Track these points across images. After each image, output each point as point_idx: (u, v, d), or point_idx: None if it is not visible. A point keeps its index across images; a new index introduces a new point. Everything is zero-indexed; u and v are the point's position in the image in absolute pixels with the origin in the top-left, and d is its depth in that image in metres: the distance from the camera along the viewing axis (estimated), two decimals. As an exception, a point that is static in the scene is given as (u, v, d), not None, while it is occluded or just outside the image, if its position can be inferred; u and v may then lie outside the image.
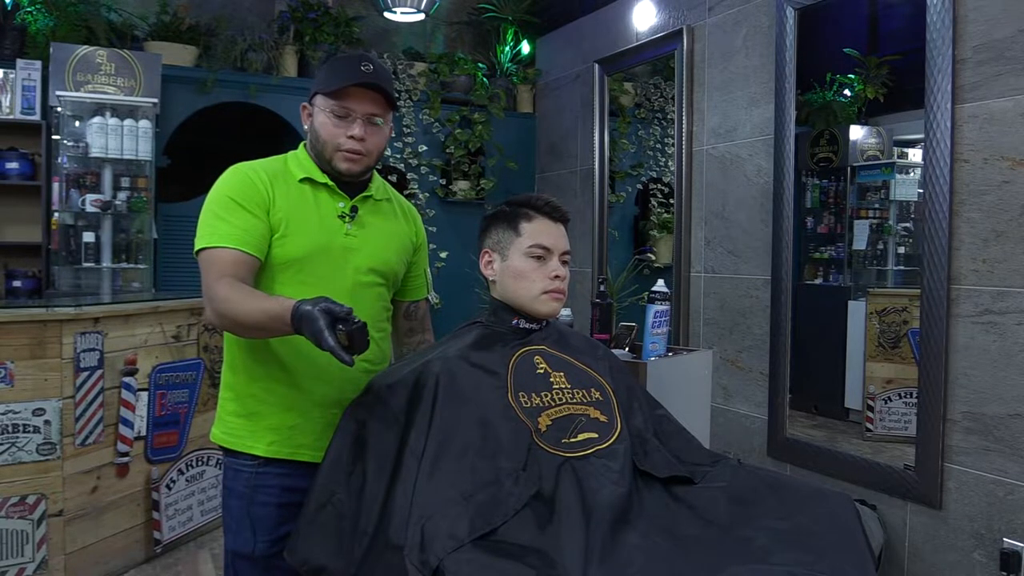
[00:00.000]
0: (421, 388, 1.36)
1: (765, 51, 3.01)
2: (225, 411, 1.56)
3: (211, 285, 1.37)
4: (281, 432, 1.50)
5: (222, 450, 1.56)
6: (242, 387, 1.53)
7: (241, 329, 1.39)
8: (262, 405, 1.50)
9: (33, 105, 3.63)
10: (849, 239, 3.45)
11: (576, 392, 1.42)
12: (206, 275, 1.39)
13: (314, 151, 1.51)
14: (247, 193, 1.44)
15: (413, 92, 4.48)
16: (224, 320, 1.36)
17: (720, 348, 3.24)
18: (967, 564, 2.31)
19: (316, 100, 1.50)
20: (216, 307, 1.35)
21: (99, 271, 3.64)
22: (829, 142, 3.45)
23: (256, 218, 1.43)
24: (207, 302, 1.38)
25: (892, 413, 3.07)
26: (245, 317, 1.32)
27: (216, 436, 1.57)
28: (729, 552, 1.19)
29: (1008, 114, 2.20)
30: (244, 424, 1.52)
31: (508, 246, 1.49)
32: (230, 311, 1.33)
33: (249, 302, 1.32)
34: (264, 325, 1.31)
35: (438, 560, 1.11)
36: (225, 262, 1.39)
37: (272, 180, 1.48)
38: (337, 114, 1.46)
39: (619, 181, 4.46)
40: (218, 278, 1.36)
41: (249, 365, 1.51)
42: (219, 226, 1.41)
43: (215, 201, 1.44)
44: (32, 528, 2.48)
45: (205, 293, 1.38)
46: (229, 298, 1.33)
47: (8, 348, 2.44)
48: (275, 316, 1.26)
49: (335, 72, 1.47)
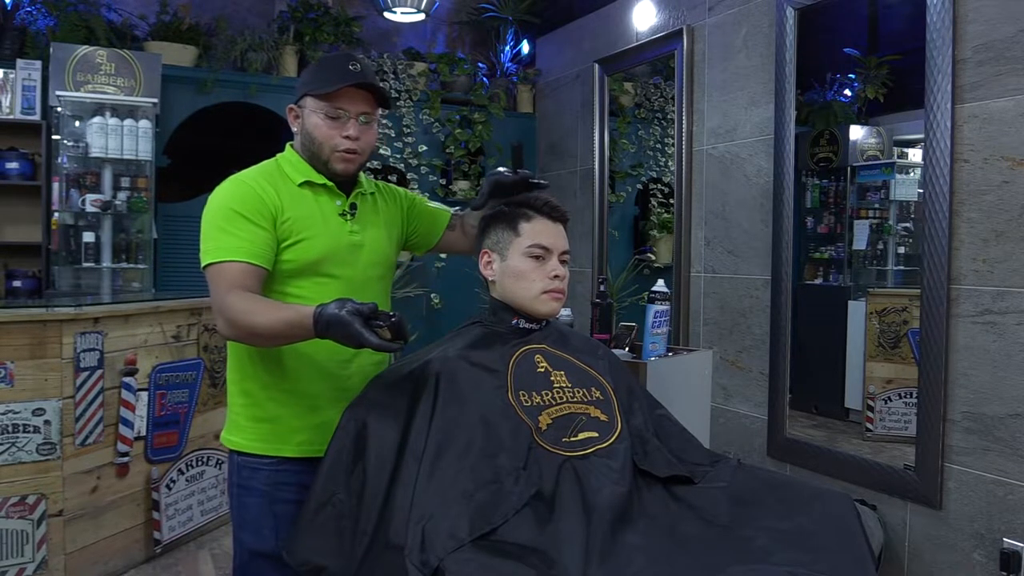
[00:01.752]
0: (421, 387, 1.36)
1: (765, 51, 3.01)
2: (243, 417, 1.53)
3: (223, 298, 1.35)
4: (308, 432, 1.49)
5: (236, 453, 1.53)
6: (259, 392, 1.51)
7: (258, 339, 1.38)
8: (282, 408, 1.50)
9: (33, 105, 3.63)
10: (849, 239, 3.45)
11: (576, 391, 1.42)
12: (215, 289, 1.38)
13: (307, 153, 1.51)
14: (252, 205, 1.42)
15: (413, 92, 4.47)
16: (240, 331, 1.35)
17: (720, 348, 3.24)
18: (967, 564, 2.31)
19: (306, 102, 1.49)
20: (231, 319, 1.34)
21: (99, 271, 3.64)
22: (829, 142, 3.45)
23: (263, 229, 1.42)
24: (219, 315, 1.37)
25: (892, 413, 3.07)
26: (263, 328, 1.31)
27: (236, 443, 1.53)
28: (729, 552, 1.19)
29: (1008, 114, 2.20)
30: (269, 429, 1.50)
31: (507, 246, 1.49)
32: (247, 322, 1.32)
33: (266, 312, 1.31)
34: (283, 333, 1.30)
35: (438, 560, 1.11)
36: (234, 274, 1.38)
37: (276, 189, 1.47)
38: (330, 115, 1.46)
39: (619, 181, 4.46)
40: (228, 291, 1.35)
41: (260, 371, 1.50)
42: (225, 240, 1.40)
43: (219, 214, 1.42)
44: (32, 528, 2.48)
45: (216, 307, 1.37)
46: (245, 310, 1.32)
47: (8, 348, 2.44)
48: (295, 324, 1.26)
49: (324, 73, 1.46)
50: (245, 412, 1.52)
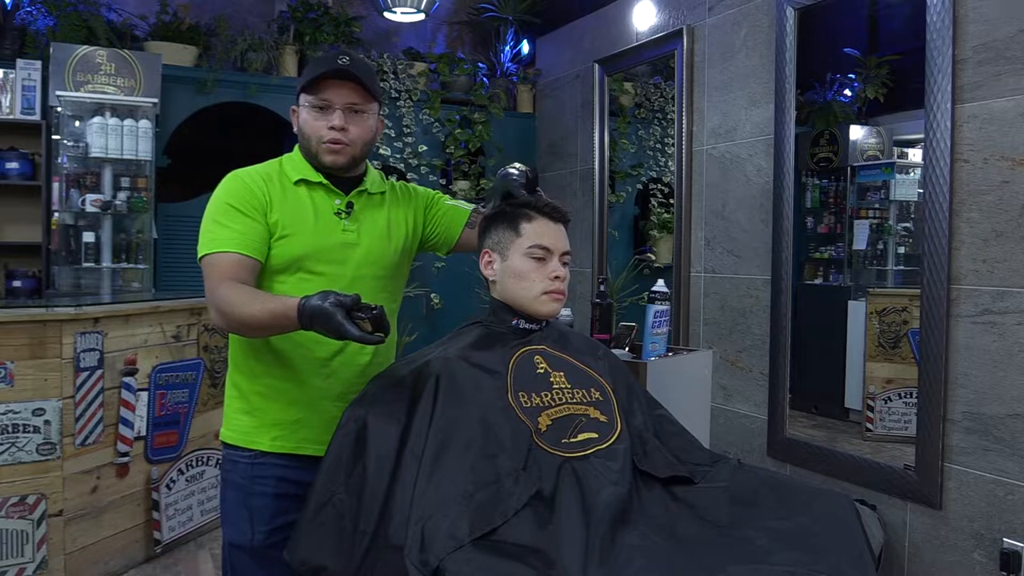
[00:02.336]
0: (421, 388, 1.36)
1: (765, 51, 3.01)
2: (232, 409, 1.58)
3: (214, 289, 1.39)
4: (284, 427, 1.52)
5: (224, 446, 1.59)
6: (246, 385, 1.55)
7: (247, 330, 1.40)
8: (265, 401, 1.53)
9: (33, 105, 3.63)
10: (849, 239, 3.45)
11: (576, 392, 1.42)
12: (208, 280, 1.42)
13: (304, 149, 1.54)
14: (244, 198, 1.46)
15: (413, 92, 4.47)
16: (230, 322, 1.37)
17: (720, 348, 3.24)
18: (967, 564, 2.31)
19: (300, 99, 1.52)
20: (221, 309, 1.37)
21: (99, 271, 3.64)
22: (829, 142, 3.46)
23: (255, 221, 1.46)
24: (211, 306, 1.40)
25: (892, 413, 3.07)
26: (250, 318, 1.33)
27: (224, 435, 1.59)
28: (729, 552, 1.19)
29: (1008, 114, 2.20)
30: (249, 421, 1.54)
31: (508, 246, 1.49)
32: (235, 313, 1.35)
33: (253, 303, 1.34)
34: (269, 324, 1.33)
35: (438, 560, 1.11)
36: (226, 265, 1.41)
37: (267, 183, 1.50)
38: (316, 106, 1.49)
39: (619, 181, 4.46)
40: (220, 282, 1.39)
41: (251, 363, 1.54)
42: (219, 232, 1.44)
43: (214, 208, 1.47)
44: (32, 528, 2.48)
45: (209, 297, 1.40)
46: (233, 301, 1.35)
47: (8, 348, 2.44)
48: (280, 315, 1.28)
49: (313, 67, 1.51)
50: (233, 404, 1.58)
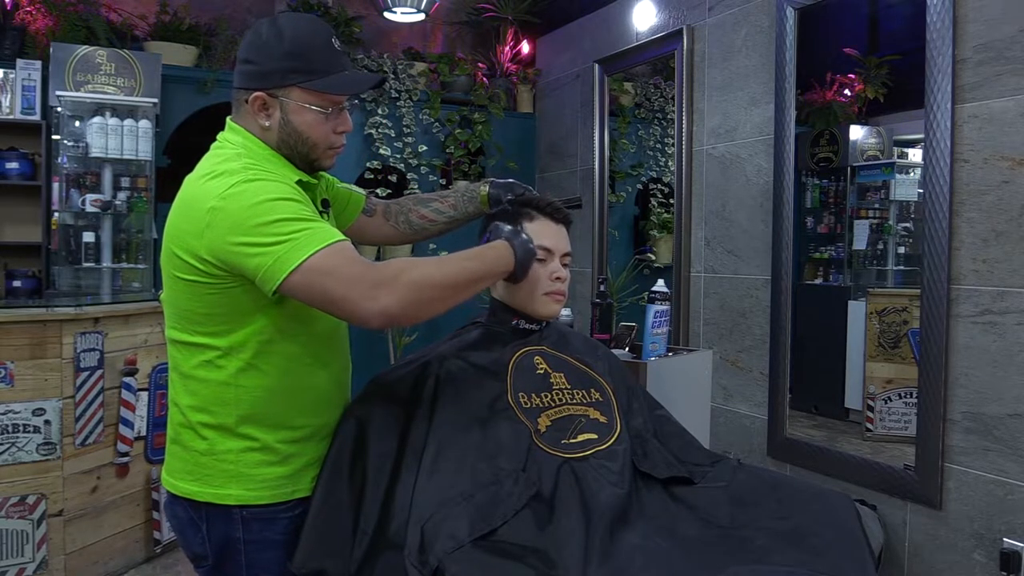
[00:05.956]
0: (421, 388, 1.35)
1: (765, 51, 3.01)
2: (247, 466, 1.28)
3: (365, 273, 1.14)
4: (319, 464, 1.34)
5: (244, 509, 1.28)
6: (268, 436, 1.28)
7: (436, 303, 1.19)
8: (300, 445, 1.32)
9: (33, 105, 3.63)
10: (849, 239, 3.45)
11: (576, 393, 1.42)
12: (340, 272, 1.13)
13: (288, 149, 1.30)
14: (293, 191, 1.24)
15: (413, 92, 4.47)
16: (424, 294, 1.16)
17: (720, 348, 3.24)
18: (967, 564, 2.31)
19: (292, 93, 1.26)
20: (416, 282, 1.15)
21: (99, 271, 3.64)
22: (829, 142, 3.45)
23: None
24: (379, 289, 1.13)
25: (892, 413, 3.07)
26: (450, 277, 1.19)
27: (244, 498, 1.28)
28: (729, 552, 1.19)
29: (1008, 114, 2.20)
30: (282, 471, 1.30)
31: (508, 246, 1.48)
32: (427, 279, 1.16)
33: (436, 262, 1.18)
34: (471, 280, 1.22)
35: (438, 560, 1.11)
36: (352, 252, 1.17)
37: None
38: (327, 108, 1.28)
39: (619, 181, 4.46)
40: (368, 264, 1.15)
41: (277, 410, 1.30)
42: (310, 226, 1.17)
43: (275, 213, 1.16)
44: (32, 528, 2.48)
45: (357, 287, 1.13)
46: (410, 267, 1.15)
47: (8, 348, 2.44)
48: (489, 260, 1.28)
49: (319, 64, 1.26)
50: (247, 459, 1.28)
